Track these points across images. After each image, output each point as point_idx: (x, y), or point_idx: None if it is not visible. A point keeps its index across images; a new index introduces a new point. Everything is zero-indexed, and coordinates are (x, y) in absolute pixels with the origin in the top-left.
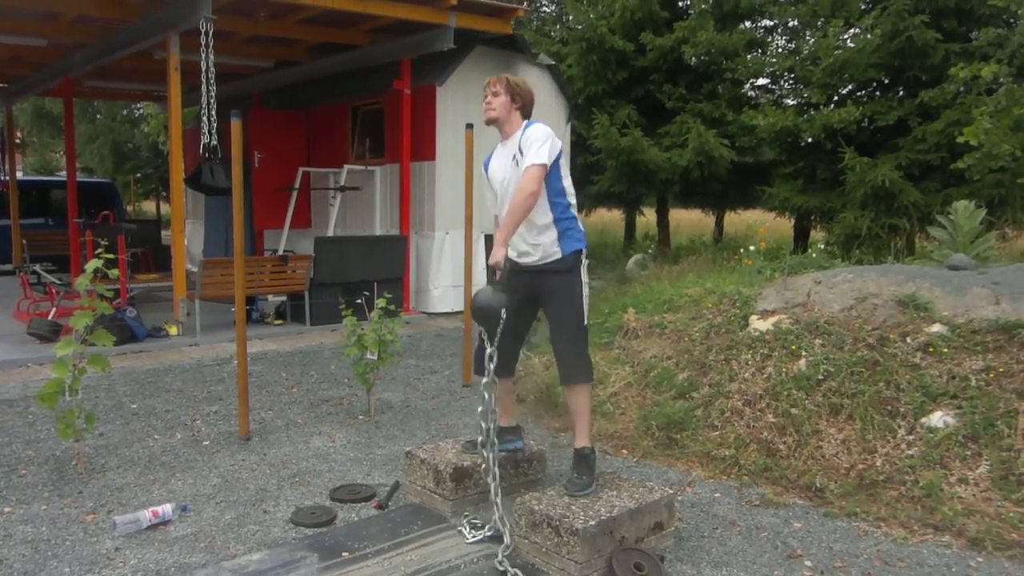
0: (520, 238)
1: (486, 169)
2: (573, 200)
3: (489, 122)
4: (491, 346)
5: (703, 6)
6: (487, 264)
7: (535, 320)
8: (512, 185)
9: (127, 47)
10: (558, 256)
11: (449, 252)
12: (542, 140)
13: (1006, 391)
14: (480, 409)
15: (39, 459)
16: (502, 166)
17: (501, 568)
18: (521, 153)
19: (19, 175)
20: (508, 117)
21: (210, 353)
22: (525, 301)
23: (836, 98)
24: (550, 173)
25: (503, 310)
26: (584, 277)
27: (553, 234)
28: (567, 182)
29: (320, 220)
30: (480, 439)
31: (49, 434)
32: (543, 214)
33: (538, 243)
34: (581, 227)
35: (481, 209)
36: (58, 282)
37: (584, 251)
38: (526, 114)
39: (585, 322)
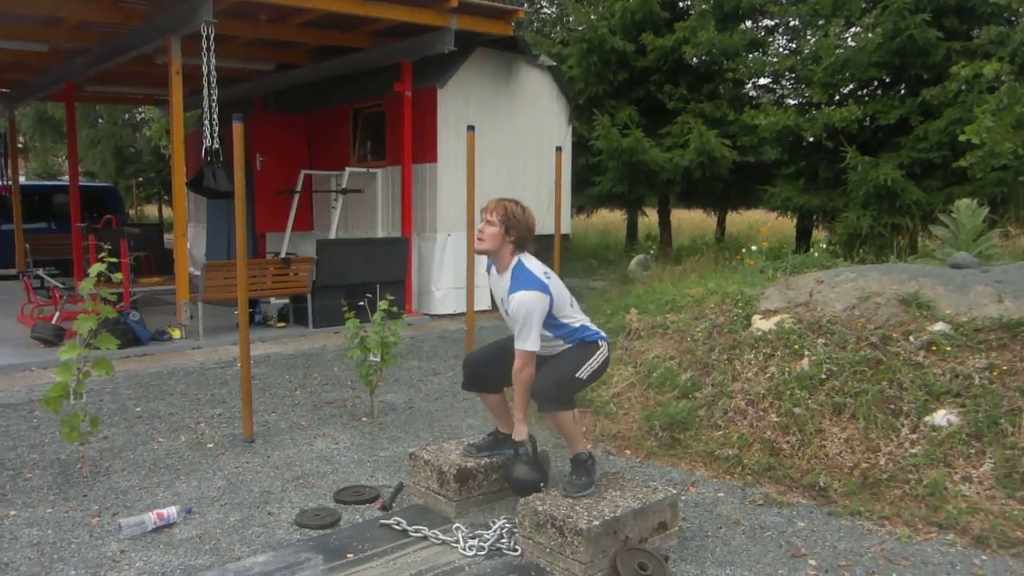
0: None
1: (488, 272)
2: (577, 318)
3: (479, 253)
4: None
5: (704, 6)
6: (513, 439)
7: None
8: (508, 321)
9: (128, 52)
10: (569, 347)
11: (451, 254)
12: (531, 319)
13: (1010, 389)
14: None
15: (44, 462)
16: (496, 295)
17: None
18: (509, 310)
19: (22, 180)
20: (500, 250)
21: (213, 356)
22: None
23: (837, 97)
24: (546, 322)
25: (541, 483)
26: (599, 354)
27: (560, 343)
28: (566, 315)
29: (322, 223)
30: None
31: (54, 437)
32: (550, 342)
33: (548, 348)
34: (595, 328)
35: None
36: (61, 286)
37: (601, 342)
38: (520, 246)
39: (578, 375)
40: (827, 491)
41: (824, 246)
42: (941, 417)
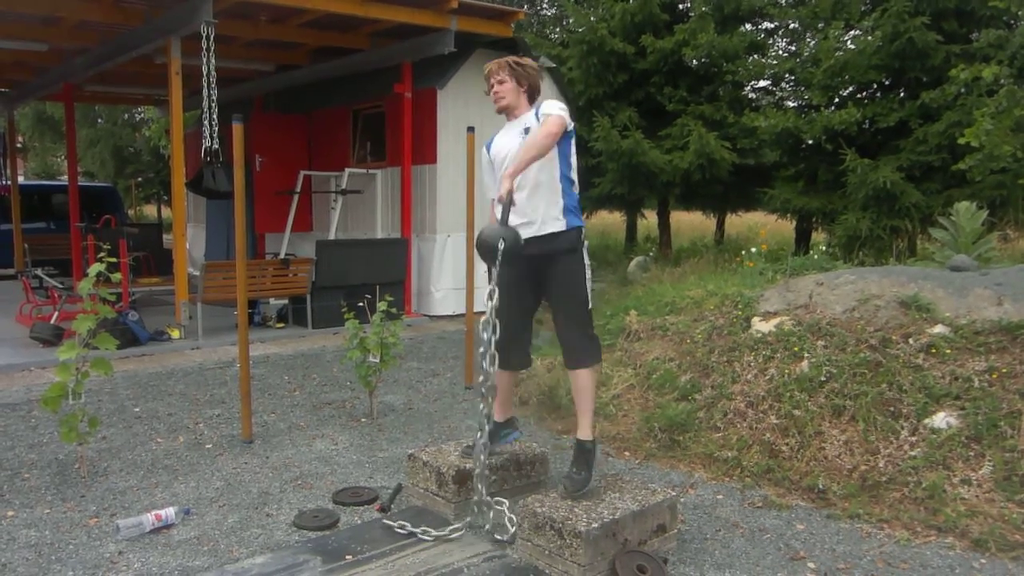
0: (525, 203)
1: (488, 150)
2: (576, 184)
3: (500, 110)
4: (492, 293)
5: (703, 9)
6: (495, 198)
7: (537, 309)
8: (496, 175)
9: (128, 52)
10: (560, 229)
11: (450, 255)
12: (560, 108)
13: (1009, 392)
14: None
15: (42, 463)
16: (508, 143)
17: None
18: (541, 114)
19: (21, 180)
20: (518, 101)
21: (212, 356)
22: (527, 288)
23: (837, 100)
24: (563, 148)
25: (500, 240)
26: (586, 259)
27: (557, 204)
28: (574, 162)
29: (321, 223)
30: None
31: (52, 438)
32: (550, 179)
33: (539, 208)
34: (580, 209)
35: (482, 212)
36: (60, 286)
37: (584, 231)
38: (533, 96)
39: (589, 305)
40: (826, 493)
41: (824, 248)
42: (940, 420)
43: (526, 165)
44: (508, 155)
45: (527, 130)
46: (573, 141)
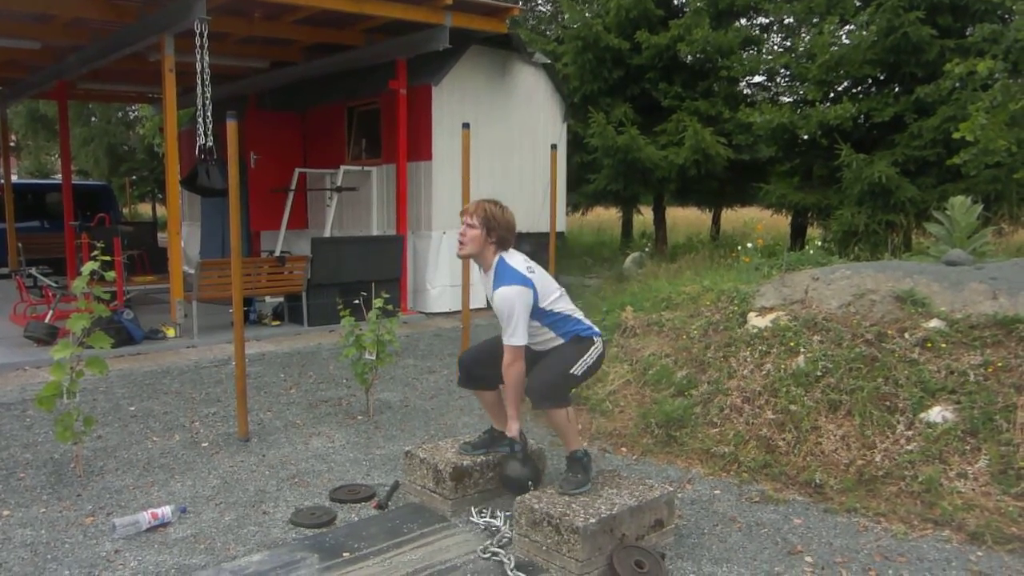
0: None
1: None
2: (568, 305)
3: (462, 257)
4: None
5: (698, 4)
6: (507, 434)
7: None
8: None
9: (122, 49)
10: (561, 343)
11: (446, 252)
12: (514, 313)
13: (1004, 386)
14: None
15: (37, 462)
16: (488, 291)
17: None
18: (495, 307)
19: (14, 178)
20: (482, 251)
21: (208, 355)
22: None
23: (832, 95)
24: (535, 315)
25: (530, 482)
26: (593, 351)
27: (551, 335)
28: (555, 305)
29: (317, 221)
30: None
31: (47, 437)
32: (541, 335)
33: (541, 343)
34: (588, 323)
35: None
36: (54, 285)
37: (595, 338)
38: (501, 246)
39: (573, 372)
40: (823, 488)
41: (819, 243)
42: (936, 414)
43: (519, 403)
44: (490, 298)
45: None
46: (540, 295)
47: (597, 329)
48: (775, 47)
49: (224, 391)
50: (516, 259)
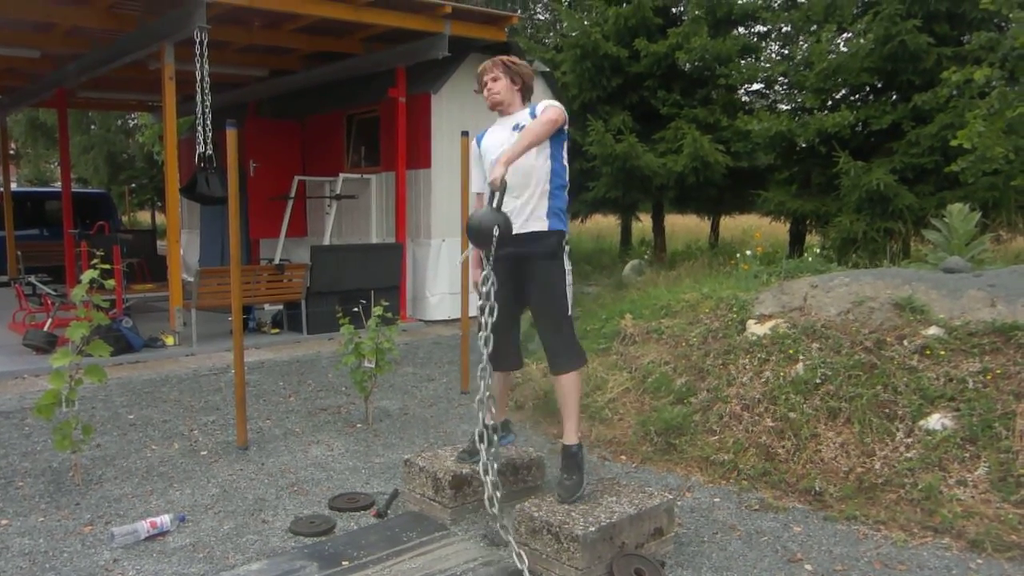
0: (513, 194)
1: (479, 144)
2: (566, 187)
3: (494, 107)
4: (487, 304)
5: (696, 12)
6: (487, 181)
7: (522, 312)
8: (487, 170)
9: (121, 57)
10: (543, 228)
11: (445, 259)
12: (557, 104)
13: (1003, 393)
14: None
15: (36, 471)
16: (499, 138)
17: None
18: (538, 110)
19: (13, 186)
20: (512, 98)
21: (207, 363)
22: (509, 293)
23: (830, 102)
24: (556, 147)
25: (495, 227)
26: (567, 265)
27: (544, 204)
28: (567, 164)
29: (316, 229)
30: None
31: (46, 446)
32: (540, 177)
33: (526, 204)
34: (567, 214)
35: None
36: (54, 293)
37: (566, 235)
38: (526, 95)
39: (569, 311)
40: (823, 496)
41: (818, 251)
42: (935, 421)
43: (524, 151)
44: (500, 149)
45: (518, 126)
46: (566, 144)
47: (567, 216)
48: (773, 55)
49: (223, 399)
50: None
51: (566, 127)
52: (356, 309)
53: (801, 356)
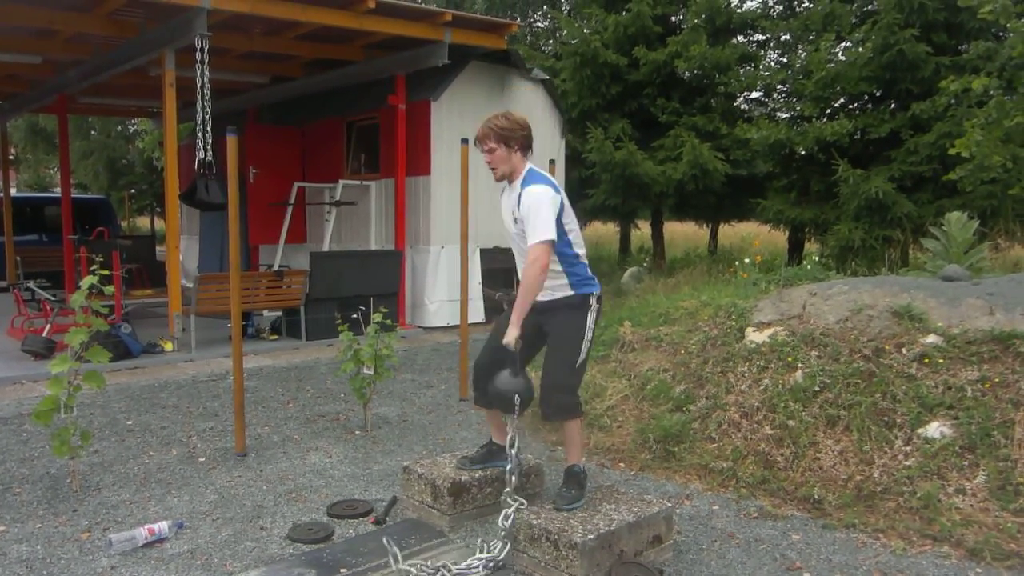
0: None
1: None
2: (581, 249)
3: (499, 180)
4: (513, 422)
5: (696, 21)
6: (503, 342)
7: (535, 354)
8: (518, 244)
9: (122, 64)
10: (569, 294)
11: (445, 266)
12: (543, 209)
13: (1002, 401)
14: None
15: (34, 477)
16: (507, 218)
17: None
18: (519, 211)
19: (13, 192)
20: (513, 164)
21: (205, 369)
22: (529, 338)
23: (829, 111)
24: (557, 245)
25: (516, 395)
26: (591, 322)
27: (564, 281)
28: (573, 235)
29: (315, 235)
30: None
31: (44, 452)
32: (555, 272)
33: (549, 289)
34: (592, 275)
35: (476, 223)
36: (53, 299)
37: (595, 295)
38: (527, 148)
39: (579, 363)
40: (821, 504)
41: (816, 258)
42: (934, 429)
43: (527, 306)
44: (510, 231)
45: (515, 216)
46: (565, 214)
47: (596, 281)
48: (772, 64)
49: (222, 405)
50: (545, 173)
51: (563, 212)
52: (355, 316)
53: (800, 364)
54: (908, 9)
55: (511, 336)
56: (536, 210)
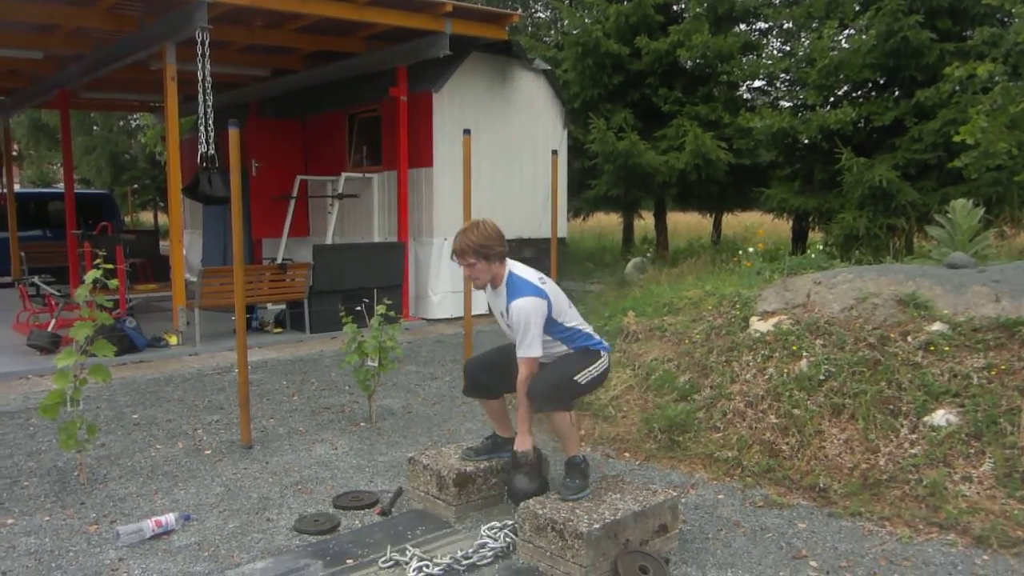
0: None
1: (485, 291)
2: (581, 325)
3: (482, 288)
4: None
5: (698, 9)
6: (518, 451)
7: None
8: (509, 333)
9: (123, 58)
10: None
11: (447, 258)
12: (531, 327)
13: (1008, 388)
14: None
15: (41, 470)
16: (497, 314)
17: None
18: (511, 320)
19: (16, 187)
20: (493, 272)
21: (210, 362)
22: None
23: (832, 99)
24: (548, 329)
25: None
26: (599, 365)
27: (562, 348)
28: (568, 321)
29: (318, 228)
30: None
31: (51, 445)
32: (552, 347)
33: (548, 355)
34: (598, 337)
35: (479, 215)
36: (57, 293)
37: (603, 352)
38: (502, 258)
39: (577, 379)
40: (827, 492)
41: (821, 247)
42: (940, 417)
43: (532, 416)
44: (502, 323)
45: (504, 315)
46: (554, 310)
47: (606, 344)
48: (775, 52)
49: (227, 398)
50: (527, 271)
51: (550, 309)
52: (359, 308)
53: (805, 353)
54: None
55: (525, 444)
56: (526, 327)
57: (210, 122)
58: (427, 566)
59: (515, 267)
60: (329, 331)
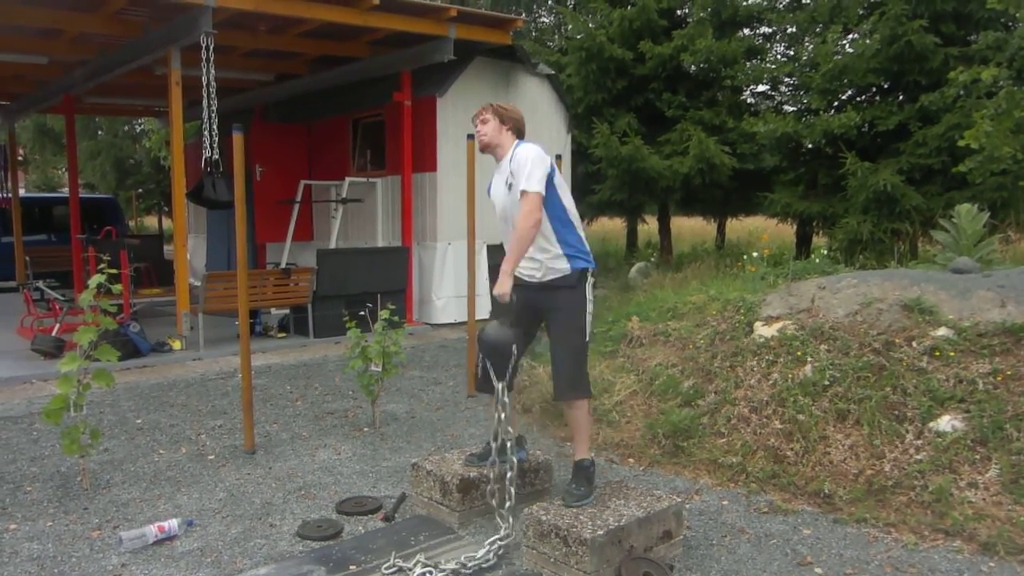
0: (525, 257)
1: (488, 193)
2: (576, 219)
3: (483, 149)
4: (502, 382)
5: (701, 14)
6: (492, 294)
7: (538, 333)
8: (510, 212)
9: (128, 63)
10: (564, 273)
11: (452, 263)
12: (532, 164)
13: (1014, 394)
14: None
15: (44, 475)
16: (499, 192)
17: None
18: (513, 177)
19: (21, 192)
20: (500, 139)
21: (214, 367)
22: (527, 315)
23: (836, 103)
24: (548, 195)
25: (513, 345)
26: (589, 295)
27: (558, 252)
28: (567, 201)
29: (322, 233)
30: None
31: (54, 450)
32: (546, 236)
33: (542, 261)
34: (587, 246)
35: (483, 219)
36: (61, 298)
37: (590, 270)
38: (518, 134)
39: (586, 339)
40: (832, 498)
41: (825, 252)
42: (946, 423)
43: (519, 260)
44: (502, 207)
45: (508, 183)
46: (559, 180)
47: (590, 254)
48: (778, 56)
49: (230, 403)
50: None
51: (554, 174)
52: (362, 313)
53: (809, 358)
54: None
55: (504, 288)
56: (526, 162)
57: (214, 127)
58: (431, 572)
59: (524, 144)
60: (333, 336)
